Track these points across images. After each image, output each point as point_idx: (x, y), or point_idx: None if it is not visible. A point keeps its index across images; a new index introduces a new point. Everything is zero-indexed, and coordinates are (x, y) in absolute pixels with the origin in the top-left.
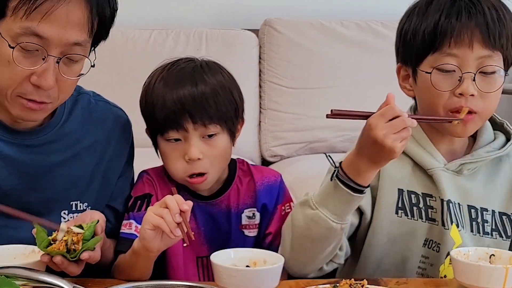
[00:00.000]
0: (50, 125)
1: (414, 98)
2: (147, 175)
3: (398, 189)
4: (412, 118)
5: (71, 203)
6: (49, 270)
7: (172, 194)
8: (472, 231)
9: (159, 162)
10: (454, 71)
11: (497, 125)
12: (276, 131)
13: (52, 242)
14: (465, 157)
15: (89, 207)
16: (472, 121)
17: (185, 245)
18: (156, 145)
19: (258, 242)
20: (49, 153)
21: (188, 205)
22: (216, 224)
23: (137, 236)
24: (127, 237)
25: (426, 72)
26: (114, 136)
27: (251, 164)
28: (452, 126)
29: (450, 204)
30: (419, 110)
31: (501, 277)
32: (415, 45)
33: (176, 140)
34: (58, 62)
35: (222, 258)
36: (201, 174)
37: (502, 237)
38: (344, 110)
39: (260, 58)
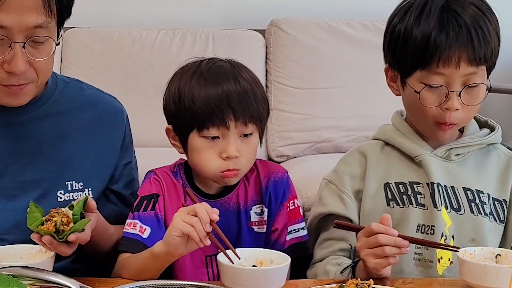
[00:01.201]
0: (37, 102)
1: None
2: (154, 175)
3: (384, 185)
4: (404, 238)
5: (66, 183)
6: (57, 270)
7: (187, 195)
8: (472, 212)
9: (161, 160)
10: (442, 86)
11: (482, 123)
12: (282, 131)
13: (45, 223)
14: (451, 143)
15: (88, 188)
16: (450, 130)
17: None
18: (184, 143)
19: (266, 238)
20: (38, 130)
21: (216, 213)
22: (226, 223)
23: (141, 237)
24: (131, 237)
25: (415, 91)
26: (107, 119)
27: (257, 159)
28: (432, 133)
29: (440, 187)
30: (406, 114)
31: (507, 277)
32: (405, 58)
33: (213, 138)
34: (24, 47)
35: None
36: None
37: (497, 221)
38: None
39: (266, 58)
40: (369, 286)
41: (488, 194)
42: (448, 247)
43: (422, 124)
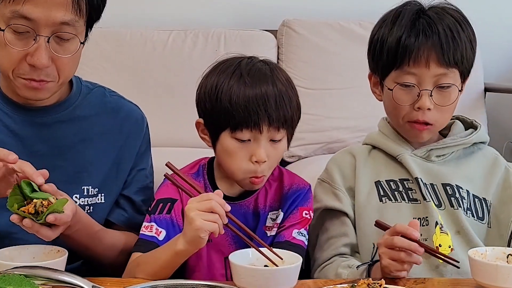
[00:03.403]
0: (62, 105)
1: None
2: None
3: (375, 182)
4: (421, 245)
5: (83, 187)
6: (69, 270)
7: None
8: (452, 206)
9: (172, 160)
10: (414, 86)
11: (468, 124)
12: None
13: (25, 205)
14: (431, 144)
15: (102, 193)
16: (426, 131)
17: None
18: (214, 140)
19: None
20: (60, 133)
21: (221, 197)
22: (244, 224)
23: (157, 239)
24: (148, 239)
25: (389, 89)
26: (127, 127)
27: (284, 169)
28: (409, 134)
29: (422, 182)
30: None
31: None
32: (381, 60)
33: (245, 140)
34: (48, 42)
35: (240, 257)
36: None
37: (474, 217)
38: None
39: (278, 59)
40: (380, 286)
41: (468, 191)
42: (449, 260)
43: (399, 125)
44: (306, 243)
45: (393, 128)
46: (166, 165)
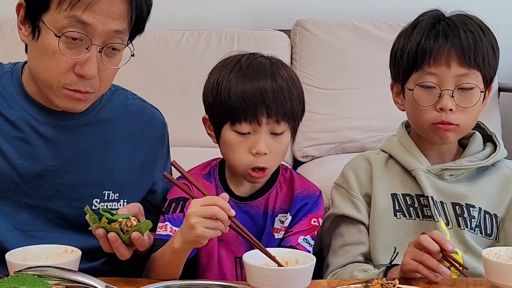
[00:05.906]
0: (87, 109)
1: None
2: (184, 180)
3: (391, 194)
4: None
5: (104, 192)
6: (85, 271)
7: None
8: (459, 225)
9: (186, 160)
10: (435, 87)
11: (487, 137)
12: (307, 132)
13: (110, 222)
14: (447, 163)
15: (124, 199)
16: (452, 131)
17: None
18: (218, 134)
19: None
20: (84, 136)
21: (227, 200)
22: (254, 224)
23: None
24: (164, 239)
25: (409, 89)
26: (150, 132)
27: (296, 172)
28: (433, 138)
29: (433, 201)
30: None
31: None
32: (402, 65)
33: (245, 133)
34: (100, 52)
35: (254, 257)
36: (262, 169)
37: (482, 233)
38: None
39: (292, 58)
40: (394, 286)
41: (480, 208)
42: (456, 263)
43: (423, 130)
44: (311, 250)
45: (412, 138)
46: (171, 164)
